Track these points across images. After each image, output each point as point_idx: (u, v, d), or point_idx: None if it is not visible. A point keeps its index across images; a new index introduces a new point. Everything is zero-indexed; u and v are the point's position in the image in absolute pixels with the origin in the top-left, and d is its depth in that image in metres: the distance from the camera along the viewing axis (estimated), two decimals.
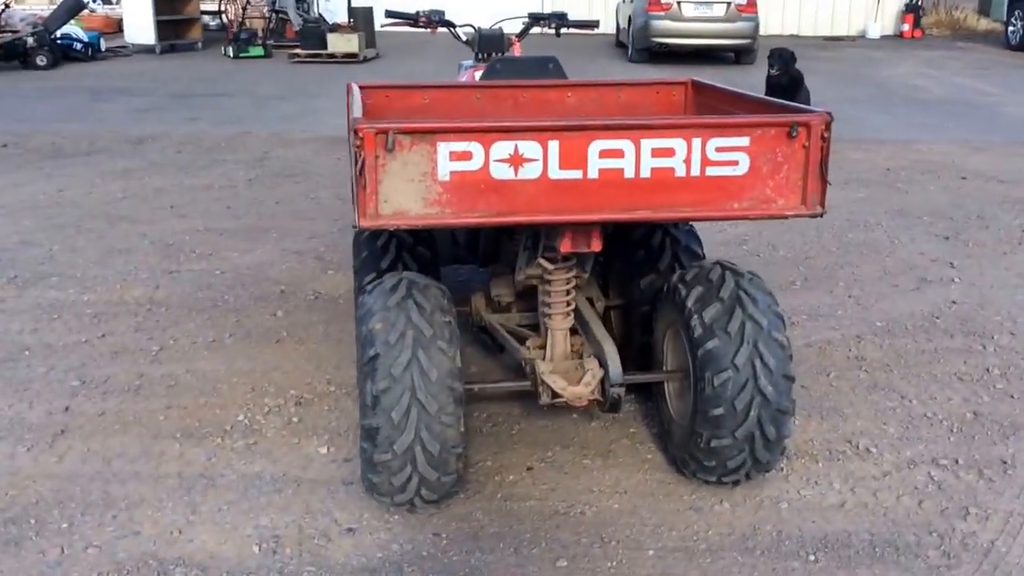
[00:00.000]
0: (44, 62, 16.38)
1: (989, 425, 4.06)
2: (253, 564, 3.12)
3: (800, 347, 4.81)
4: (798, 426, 4.02)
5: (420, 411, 3.13)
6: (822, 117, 3.04)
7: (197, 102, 13.22)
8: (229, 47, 18.62)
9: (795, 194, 3.09)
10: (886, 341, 4.93)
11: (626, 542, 3.25)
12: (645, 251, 4.06)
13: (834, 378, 4.50)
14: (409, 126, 2.90)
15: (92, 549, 3.19)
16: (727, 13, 17.72)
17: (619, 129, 2.97)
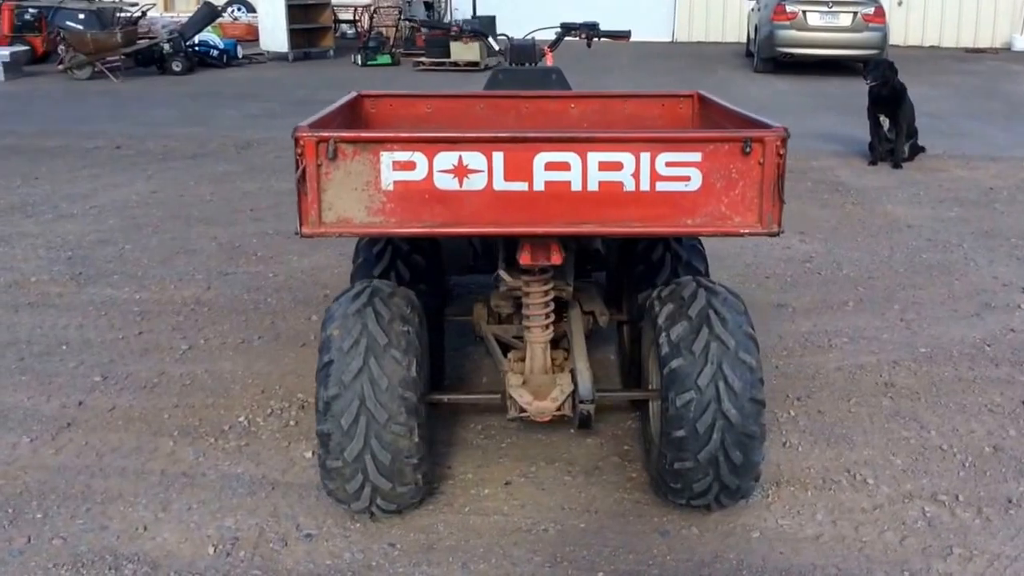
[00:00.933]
0: (179, 67, 17.12)
1: (1007, 461, 3.80)
2: (203, 565, 3.17)
3: (830, 371, 4.62)
4: (800, 452, 3.86)
5: (369, 419, 3.13)
6: (777, 133, 2.91)
7: (313, 108, 13.42)
8: (358, 55, 19.08)
9: (751, 212, 2.97)
10: (924, 368, 4.67)
11: (579, 562, 3.17)
12: (645, 265, 3.97)
13: (854, 404, 4.29)
14: (351, 135, 2.91)
15: (57, 540, 3.30)
16: (854, 23, 17.17)
17: (565, 142, 2.92)
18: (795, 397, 4.35)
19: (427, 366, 3.59)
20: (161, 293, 5.72)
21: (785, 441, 3.96)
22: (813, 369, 4.66)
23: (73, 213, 7.64)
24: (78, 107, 13.67)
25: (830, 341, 5.00)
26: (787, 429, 4.05)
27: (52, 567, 3.16)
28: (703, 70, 18.45)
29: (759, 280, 5.98)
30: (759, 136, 2.91)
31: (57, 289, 5.82)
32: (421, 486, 3.32)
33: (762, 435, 3.24)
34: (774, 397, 4.33)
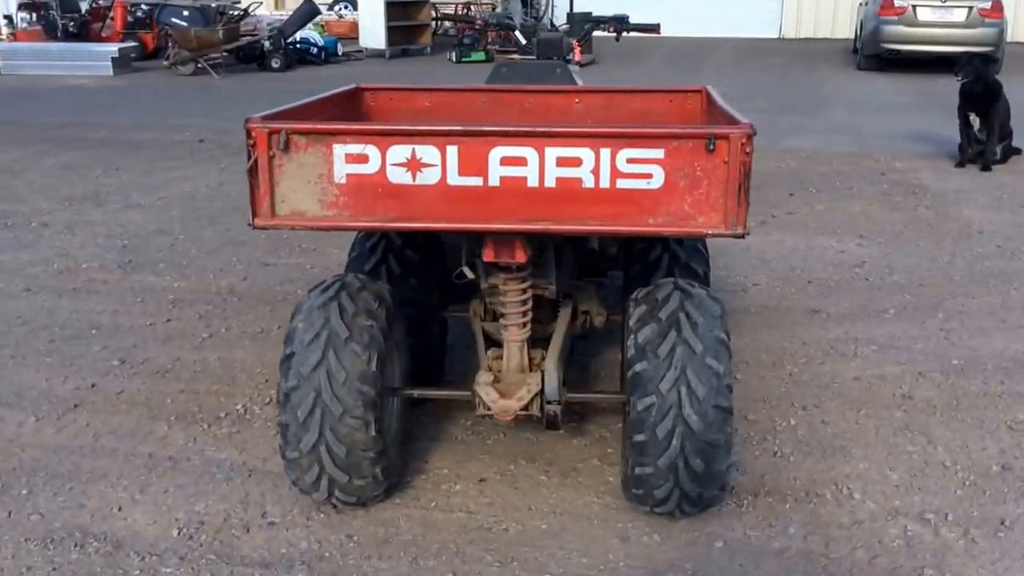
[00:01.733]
0: (277, 64, 17.52)
1: (1012, 482, 3.60)
2: (163, 547, 3.23)
3: (846, 380, 4.45)
4: (790, 463, 3.73)
5: (325, 411, 3.14)
6: (742, 130, 2.81)
7: None
8: (453, 52, 19.22)
9: (716, 212, 2.86)
10: (950, 381, 4.46)
11: (529, 564, 3.12)
12: (641, 266, 3.89)
13: (863, 416, 4.12)
14: (303, 126, 2.92)
15: (35, 516, 3.41)
16: (968, 18, 16.51)
17: (521, 136, 2.86)
18: (800, 406, 4.20)
19: (403, 361, 3.59)
20: (199, 282, 5.85)
21: (777, 451, 3.82)
22: (829, 378, 4.49)
23: (141, 203, 7.89)
24: (175, 102, 14.11)
25: (857, 349, 4.82)
26: (782, 438, 3.92)
27: (23, 542, 3.26)
28: (802, 67, 18.03)
29: (800, 284, 5.80)
30: (724, 133, 2.80)
31: (104, 276, 6.01)
32: (381, 480, 3.32)
33: (727, 444, 3.14)
34: (778, 405, 4.20)
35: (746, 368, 4.59)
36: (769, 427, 4.01)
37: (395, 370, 3.57)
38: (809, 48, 22.06)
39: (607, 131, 2.87)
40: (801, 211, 7.57)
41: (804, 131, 11.15)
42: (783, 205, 7.74)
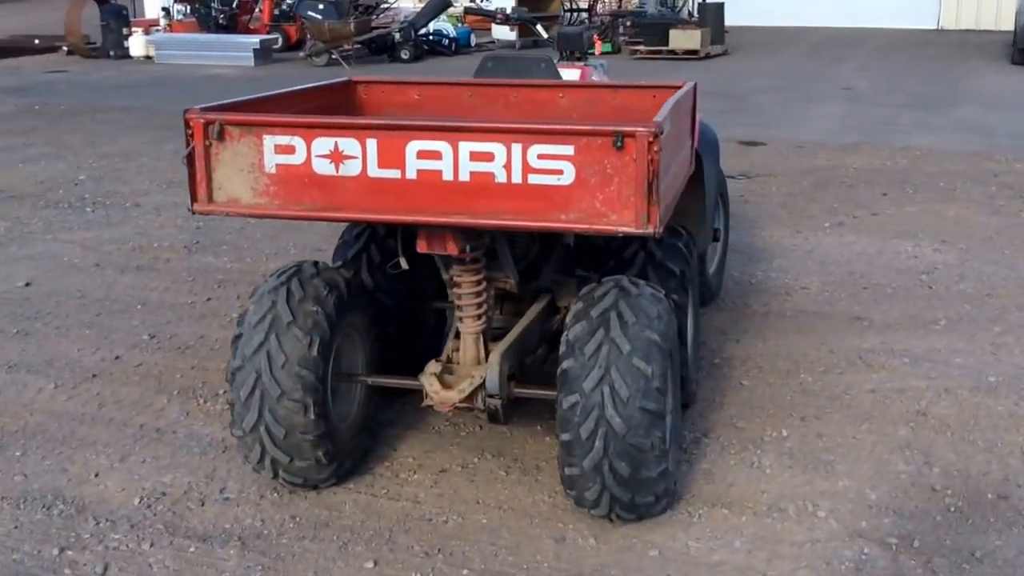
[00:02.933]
0: (407, 56, 17.81)
1: (1003, 512, 3.35)
2: (120, 514, 3.36)
3: (861, 392, 4.24)
4: (766, 475, 3.58)
5: (264, 393, 3.21)
6: (648, 129, 2.72)
7: None
8: None
9: (628, 210, 2.78)
10: (976, 399, 4.18)
11: (454, 557, 3.10)
12: (616, 262, 3.80)
13: (865, 430, 3.91)
14: (235, 117, 2.98)
15: (19, 477, 3.60)
16: None
17: (436, 130, 2.86)
18: (800, 417, 4.02)
19: (366, 348, 3.62)
20: (251, 265, 6.04)
21: (756, 462, 3.68)
22: (843, 389, 4.28)
23: None
24: None
25: (887, 361, 4.57)
26: (766, 449, 3.76)
27: (1, 500, 3.44)
28: (952, 61, 17.14)
29: (853, 290, 5.55)
30: (631, 131, 2.72)
31: (168, 255, 6.28)
32: (325, 463, 3.35)
33: (658, 449, 3.05)
34: (776, 414, 4.04)
35: (757, 374, 4.42)
36: (757, 437, 3.85)
37: (356, 356, 3.61)
38: (966, 40, 20.96)
39: (519, 127, 2.84)
40: (888, 212, 7.22)
41: (927, 128, 10.62)
42: (871, 206, 7.40)
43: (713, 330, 4.97)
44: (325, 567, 3.05)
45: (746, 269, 5.95)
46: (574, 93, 3.97)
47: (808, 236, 6.65)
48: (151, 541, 3.19)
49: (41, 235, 6.82)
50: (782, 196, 7.84)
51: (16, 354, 4.72)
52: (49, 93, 14.15)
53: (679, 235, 3.86)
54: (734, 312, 5.24)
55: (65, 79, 16.15)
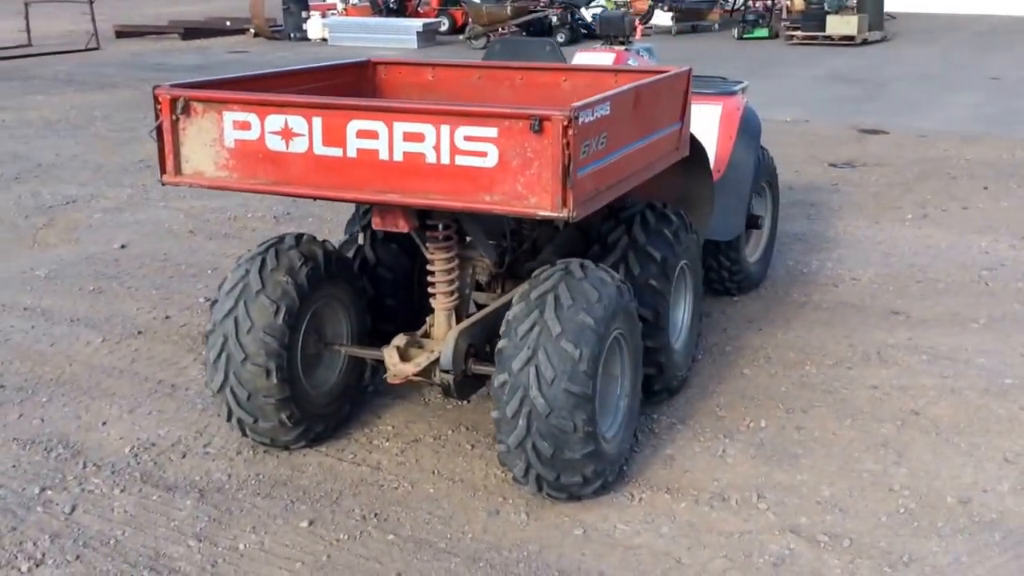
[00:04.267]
0: (562, 39, 17.86)
1: (957, 518, 3.25)
2: (110, 460, 3.66)
3: (861, 388, 4.16)
4: (726, 465, 3.59)
5: (230, 356, 3.43)
6: (564, 113, 2.77)
7: None
8: (736, 28, 18.75)
9: (546, 193, 2.85)
10: (981, 401, 4.03)
11: (387, 523, 3.25)
12: (600, 246, 3.85)
13: (847, 426, 3.85)
14: (198, 94, 3.20)
15: (37, 421, 3.96)
16: None
17: (373, 110, 2.99)
18: (787, 409, 3.98)
19: (350, 318, 3.79)
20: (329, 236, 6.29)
21: (721, 451, 3.68)
22: (844, 383, 4.20)
23: None
24: None
25: (905, 357, 4.44)
26: (737, 439, 3.75)
27: (12, 441, 3.81)
28: None
29: (903, 284, 5.38)
30: (547, 115, 2.79)
31: (257, 225, 6.65)
32: (290, 426, 3.55)
33: (582, 431, 3.11)
34: (763, 405, 4.01)
35: (762, 364, 4.39)
36: (733, 426, 3.85)
37: (341, 326, 3.79)
38: None
39: (446, 108, 2.94)
40: (980, 206, 6.90)
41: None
42: (966, 199, 7.09)
43: (740, 318, 4.93)
44: (264, 523, 3.26)
45: (804, 258, 5.84)
46: (576, 77, 4.02)
47: (885, 227, 6.45)
48: (123, 487, 3.48)
49: (156, 203, 7.32)
50: (878, 186, 7.60)
51: (84, 310, 5.14)
52: (224, 71, 14.83)
53: (668, 222, 3.87)
54: (769, 301, 5.17)
55: (241, 59, 17.01)
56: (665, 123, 3.61)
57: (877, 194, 7.36)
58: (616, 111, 3.09)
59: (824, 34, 17.10)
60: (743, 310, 5.04)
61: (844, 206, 7.02)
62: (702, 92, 5.03)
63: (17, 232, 6.53)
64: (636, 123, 3.32)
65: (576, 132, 2.78)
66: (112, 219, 6.80)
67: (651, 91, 3.47)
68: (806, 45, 17.33)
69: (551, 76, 4.06)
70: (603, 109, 2.97)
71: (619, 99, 3.13)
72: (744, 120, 4.94)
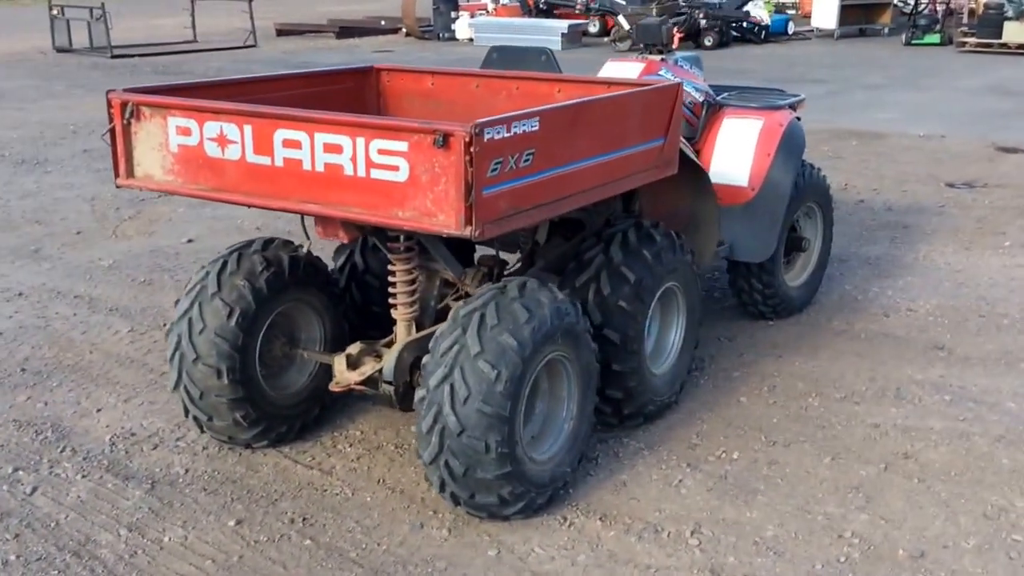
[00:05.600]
0: (710, 42, 17.56)
1: (900, 570, 3.01)
2: (87, 447, 3.79)
3: (858, 426, 3.92)
4: (677, 495, 3.44)
5: (183, 355, 3.52)
6: (465, 128, 2.71)
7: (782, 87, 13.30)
8: (905, 33, 17.93)
9: (451, 211, 2.80)
10: (989, 449, 3.72)
11: (311, 528, 3.25)
12: (577, 263, 3.76)
13: (825, 465, 3.62)
14: (145, 99, 3.28)
15: (40, 404, 4.15)
16: None
17: (298, 120, 3.00)
18: (769, 441, 3.78)
19: (322, 324, 3.82)
20: None
21: (678, 480, 3.52)
22: (843, 418, 3.95)
23: None
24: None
25: (925, 396, 4.15)
26: (701, 470, 3.58)
27: (11, 422, 4.01)
28: None
29: (961, 318, 5.02)
30: (450, 130, 2.74)
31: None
32: (246, 426, 3.61)
33: (495, 452, 3.03)
34: (744, 436, 3.83)
35: (767, 393, 4.18)
36: (702, 456, 3.68)
37: (314, 331, 3.83)
38: None
39: (361, 120, 2.92)
40: None
41: None
42: None
43: (765, 343, 4.72)
44: (196, 519, 3.32)
45: (864, 284, 5.53)
46: (570, 88, 3.92)
47: (973, 255, 6.05)
48: (86, 473, 3.61)
49: None
50: (988, 209, 7.13)
51: (126, 300, 5.38)
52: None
53: (650, 241, 3.73)
54: (806, 327, 4.92)
55: (385, 57, 17.48)
56: (637, 139, 3.47)
57: (982, 218, 6.89)
58: (549, 127, 2.99)
59: (1000, 42, 16.13)
60: (772, 335, 4.81)
61: (939, 230, 6.61)
62: (745, 106, 4.85)
63: (104, 223, 6.89)
64: (587, 139, 3.21)
65: (480, 149, 2.72)
66: (192, 214, 7.07)
67: (612, 106, 3.35)
68: (978, 53, 16.42)
69: (547, 86, 3.98)
70: (526, 125, 2.89)
71: (553, 115, 3.04)
72: (785, 136, 4.71)
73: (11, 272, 5.91)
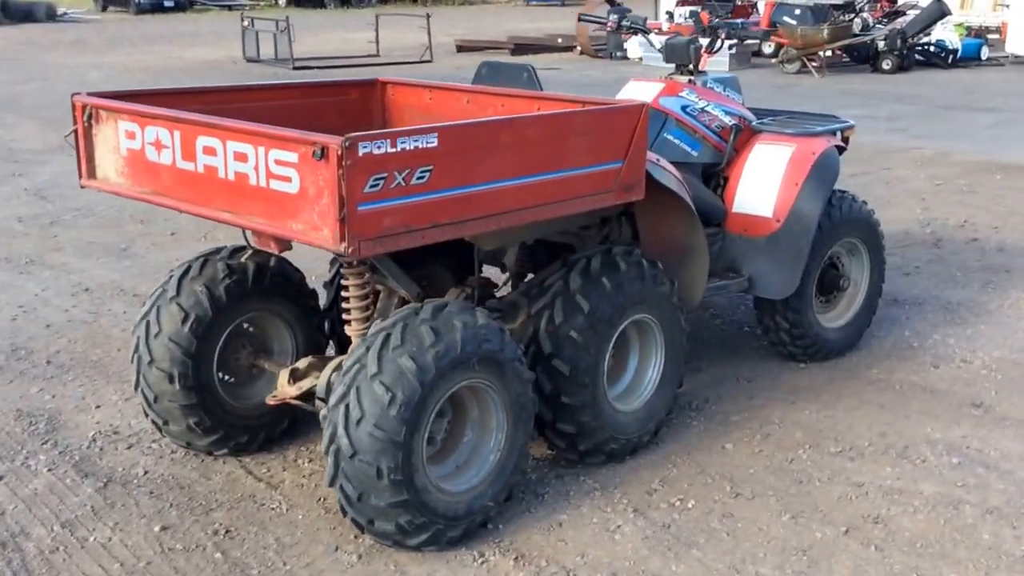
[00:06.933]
0: (888, 66, 16.76)
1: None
2: (68, 441, 3.93)
3: (844, 484, 3.61)
4: (615, 540, 3.27)
5: (140, 358, 3.60)
6: (338, 141, 2.66)
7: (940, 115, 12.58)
8: None
9: (328, 225, 2.76)
10: (977, 521, 3.35)
11: (229, 541, 3.25)
12: (538, 290, 3.63)
13: (784, 522, 3.35)
14: (100, 103, 3.37)
15: (48, 396, 4.34)
16: None
17: (212, 127, 3.02)
18: (734, 493, 3.53)
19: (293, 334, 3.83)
20: None
21: (617, 526, 3.33)
22: (827, 474, 3.66)
23: None
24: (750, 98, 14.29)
25: (932, 458, 3.79)
26: (645, 517, 3.38)
27: (12, 411, 4.19)
28: None
29: (1019, 373, 4.57)
30: (326, 143, 2.69)
31: None
32: (200, 432, 3.65)
33: (388, 478, 2.95)
34: (710, 483, 3.61)
35: (758, 440, 3.93)
36: (655, 502, 3.48)
37: (286, 342, 3.85)
38: None
39: (260, 130, 2.90)
40: None
41: None
42: None
43: (784, 387, 4.44)
44: (127, 521, 3.37)
45: (927, 330, 5.13)
46: (550, 105, 3.79)
47: None
48: (53, 467, 3.74)
49: None
50: None
51: None
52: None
53: (614, 270, 3.56)
54: (837, 373, 4.59)
55: (549, 76, 17.52)
56: (584, 161, 3.32)
57: None
58: (452, 144, 2.90)
59: None
60: (797, 379, 4.51)
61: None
62: (779, 131, 4.59)
63: (200, 226, 7.12)
64: (511, 158, 3.08)
65: (353, 163, 2.66)
66: None
67: (544, 124, 3.22)
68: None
69: (527, 103, 3.88)
70: (419, 141, 2.81)
71: (457, 132, 2.94)
72: (817, 165, 4.41)
73: (91, 268, 6.22)
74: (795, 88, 15.36)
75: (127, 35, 24.99)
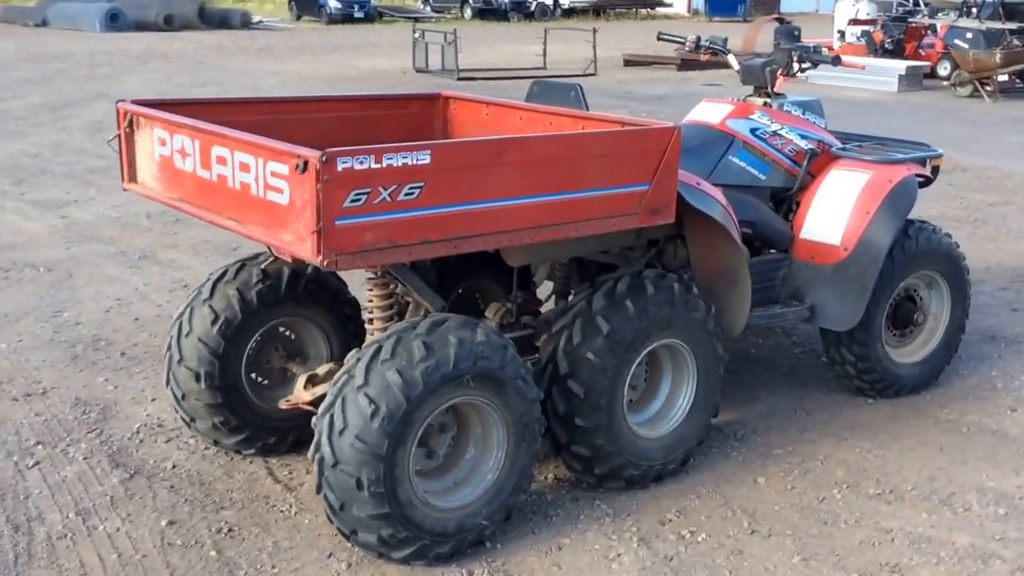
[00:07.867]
0: None
1: None
2: (112, 431, 4.04)
3: (874, 529, 3.39)
4: (612, 569, 3.16)
5: (171, 356, 3.71)
6: (315, 156, 2.67)
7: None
8: None
9: (309, 237, 2.76)
10: (1000, 572, 3.10)
11: (228, 542, 3.28)
12: (562, 309, 3.56)
13: (794, 563, 3.17)
14: (139, 111, 3.49)
15: (111, 387, 4.49)
16: None
17: (223, 138, 3.08)
18: (751, 529, 3.36)
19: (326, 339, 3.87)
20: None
21: (618, 555, 3.22)
22: (857, 516, 3.45)
23: None
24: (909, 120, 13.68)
25: (980, 506, 3.52)
26: (650, 547, 3.26)
27: (72, 399, 4.36)
28: None
29: None
30: (307, 156, 2.71)
31: None
32: (225, 431, 3.72)
33: (369, 490, 2.93)
34: (729, 517, 3.46)
35: (795, 477, 3.74)
36: (665, 533, 3.35)
37: (321, 347, 3.89)
38: None
39: (258, 142, 2.93)
40: None
41: None
42: None
43: (843, 423, 4.22)
44: (140, 514, 3.44)
45: (1019, 372, 4.81)
46: (593, 125, 3.72)
47: None
48: (90, 455, 3.86)
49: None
50: None
51: None
52: (678, 103, 14.62)
53: (640, 292, 3.46)
54: (904, 410, 4.33)
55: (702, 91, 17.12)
56: (604, 182, 3.23)
57: None
58: (447, 162, 2.87)
59: None
60: (859, 415, 4.27)
61: None
62: (858, 157, 4.37)
63: None
64: (520, 177, 3.03)
65: (331, 177, 2.67)
66: None
67: (556, 145, 3.16)
68: None
69: (572, 122, 3.81)
70: (408, 158, 2.79)
71: (453, 149, 2.91)
72: (892, 194, 4.17)
73: (198, 265, 6.42)
74: (960, 112, 14.61)
75: (312, 44, 25.77)
